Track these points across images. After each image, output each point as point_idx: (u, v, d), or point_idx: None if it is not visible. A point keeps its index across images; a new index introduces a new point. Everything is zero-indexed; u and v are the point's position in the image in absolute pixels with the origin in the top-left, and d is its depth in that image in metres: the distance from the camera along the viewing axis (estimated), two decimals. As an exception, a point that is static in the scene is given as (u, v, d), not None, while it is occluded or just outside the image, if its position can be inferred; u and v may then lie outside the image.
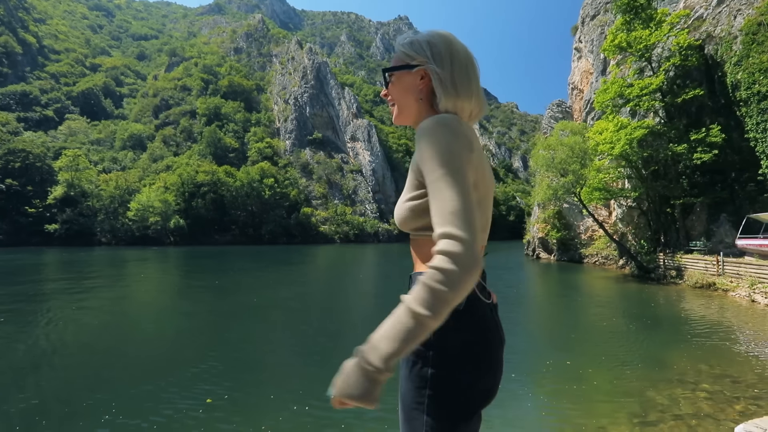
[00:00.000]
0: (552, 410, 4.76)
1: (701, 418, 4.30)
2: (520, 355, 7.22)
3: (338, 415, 4.56)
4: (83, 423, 4.34)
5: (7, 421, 4.45)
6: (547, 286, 18.58)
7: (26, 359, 6.85)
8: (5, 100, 73.08)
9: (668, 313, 11.08)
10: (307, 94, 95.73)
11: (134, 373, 6.11)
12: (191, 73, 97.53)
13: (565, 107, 35.20)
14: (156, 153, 77.63)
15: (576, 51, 33.46)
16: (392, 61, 1.08)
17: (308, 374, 6.18)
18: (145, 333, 9.04)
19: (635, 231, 22.98)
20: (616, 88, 19.09)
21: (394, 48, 1.11)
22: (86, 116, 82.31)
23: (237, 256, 35.91)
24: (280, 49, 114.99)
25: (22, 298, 12.51)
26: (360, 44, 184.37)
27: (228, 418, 4.50)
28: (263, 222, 70.12)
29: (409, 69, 1.02)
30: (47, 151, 63.00)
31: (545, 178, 23.82)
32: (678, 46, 18.18)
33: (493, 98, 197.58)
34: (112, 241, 57.51)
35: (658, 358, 6.82)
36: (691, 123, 18.37)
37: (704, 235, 18.13)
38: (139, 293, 14.72)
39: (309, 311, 11.46)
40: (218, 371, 6.12)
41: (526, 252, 35.98)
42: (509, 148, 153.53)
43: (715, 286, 14.08)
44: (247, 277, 19.91)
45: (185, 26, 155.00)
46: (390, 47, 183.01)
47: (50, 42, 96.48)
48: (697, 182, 18.52)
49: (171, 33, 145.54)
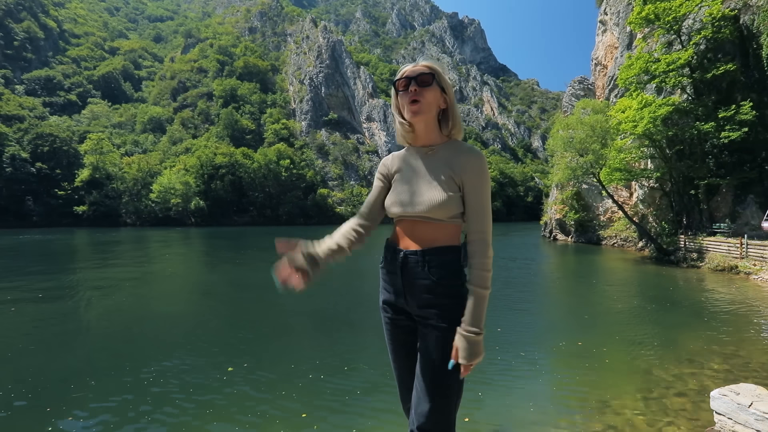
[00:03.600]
0: (561, 386, 4.95)
1: (704, 395, 4.42)
2: (534, 335, 7.40)
3: (353, 384, 4.88)
4: (110, 388, 4.79)
5: (38, 387, 4.94)
6: (563, 268, 18.52)
7: (64, 329, 7.46)
8: (31, 85, 75.27)
9: (686, 295, 10.99)
10: (323, 74, 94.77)
11: (160, 344, 6.59)
12: (207, 54, 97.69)
13: (587, 84, 33.93)
14: (175, 135, 79.06)
15: (601, 24, 31.90)
16: (426, 74, 1.34)
17: (323, 346, 6.53)
18: (172, 307, 9.61)
19: (656, 213, 22.41)
20: (642, 64, 18.26)
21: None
22: (107, 100, 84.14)
23: (256, 236, 36.86)
24: (294, 28, 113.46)
25: (61, 276, 13.36)
26: (375, 21, 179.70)
27: (247, 384, 4.87)
28: (280, 203, 71.21)
29: (440, 89, 1.37)
30: (72, 134, 65.02)
31: (564, 158, 23.31)
32: (711, 16, 17.17)
33: (513, 75, 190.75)
34: (136, 222, 59.70)
35: (670, 338, 6.87)
36: (720, 100, 17.52)
37: (729, 217, 17.58)
38: (167, 270, 15.46)
39: (326, 289, 11.86)
40: (240, 342, 6.54)
41: (543, 233, 35.60)
42: (528, 127, 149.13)
43: (737, 269, 13.77)
44: (267, 255, 20.56)
45: (199, 6, 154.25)
46: (406, 23, 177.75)
47: (70, 26, 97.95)
48: (724, 162, 17.81)
49: (186, 14, 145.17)
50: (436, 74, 1.33)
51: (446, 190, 1.31)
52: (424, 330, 1.34)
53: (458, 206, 1.33)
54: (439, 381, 1.28)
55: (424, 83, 1.31)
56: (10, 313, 8.37)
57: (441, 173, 1.33)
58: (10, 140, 56.18)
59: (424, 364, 1.32)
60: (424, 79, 1.31)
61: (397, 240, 1.42)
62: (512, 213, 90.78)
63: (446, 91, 1.37)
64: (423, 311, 1.34)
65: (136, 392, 4.64)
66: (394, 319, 1.46)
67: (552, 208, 33.60)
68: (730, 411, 2.83)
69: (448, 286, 1.31)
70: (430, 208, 1.31)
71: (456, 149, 1.37)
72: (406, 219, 1.38)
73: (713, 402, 2.98)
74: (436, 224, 1.34)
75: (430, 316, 1.32)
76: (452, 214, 1.33)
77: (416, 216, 1.34)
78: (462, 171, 1.32)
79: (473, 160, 1.33)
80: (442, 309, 1.30)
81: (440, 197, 1.30)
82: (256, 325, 7.95)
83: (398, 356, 1.48)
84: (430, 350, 1.31)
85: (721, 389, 2.99)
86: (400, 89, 1.37)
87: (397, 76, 1.38)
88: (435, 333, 1.30)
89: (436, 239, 1.34)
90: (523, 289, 12.24)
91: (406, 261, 1.36)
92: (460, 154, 1.34)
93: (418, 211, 1.33)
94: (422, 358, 1.33)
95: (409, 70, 1.35)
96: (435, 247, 1.33)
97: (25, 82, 75.01)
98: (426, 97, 1.31)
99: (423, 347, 1.34)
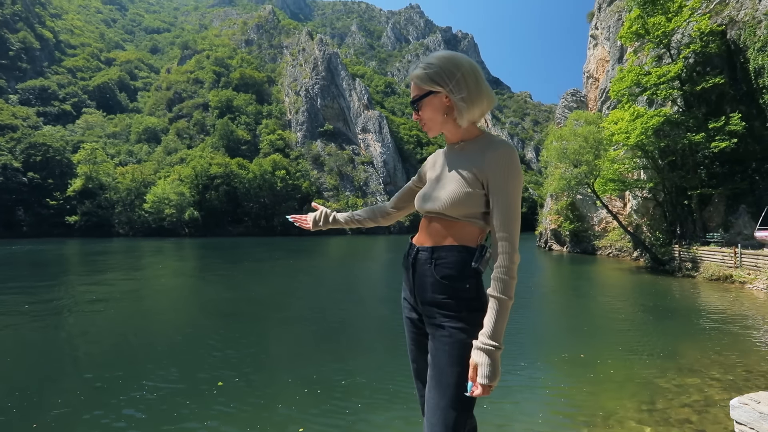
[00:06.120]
0: (568, 397, 4.86)
1: (710, 405, 4.36)
2: (536, 346, 7.32)
3: (351, 398, 4.75)
4: (95, 403, 4.62)
5: (23, 403, 4.76)
6: (560, 278, 18.51)
7: (53, 343, 7.24)
8: (25, 95, 74.91)
9: (683, 304, 10.99)
10: (318, 85, 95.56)
11: (150, 356, 6.41)
12: (203, 65, 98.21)
13: (579, 96, 34.50)
14: (170, 146, 78.83)
15: (592, 38, 32.64)
16: (414, 90, 1.32)
17: (320, 360, 6.39)
18: (163, 319, 9.40)
19: (650, 222, 22.60)
20: (633, 77, 18.64)
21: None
22: (102, 110, 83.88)
23: (250, 247, 36.54)
24: (290, 41, 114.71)
25: (48, 287, 13.06)
26: (371, 34, 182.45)
27: (239, 399, 4.73)
28: (275, 213, 70.85)
29: (433, 95, 1.28)
30: (66, 144, 64.58)
31: (557, 169, 23.52)
32: (699, 31, 17.61)
33: (506, 88, 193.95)
34: (129, 233, 59.00)
35: (671, 348, 6.83)
36: (710, 112, 17.87)
37: (722, 227, 17.76)
38: (159, 282, 15.20)
39: (321, 300, 11.71)
40: (231, 356, 6.38)
41: (539, 244, 35.70)
42: (522, 139, 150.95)
43: (732, 278, 13.85)
44: (261, 267, 20.32)
45: (197, 19, 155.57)
46: (401, 37, 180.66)
47: (66, 37, 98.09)
48: (715, 173, 18.08)
49: (183, 26, 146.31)
50: (424, 86, 1.28)
51: (464, 186, 1.26)
52: (429, 329, 1.31)
53: (478, 205, 1.26)
54: (444, 383, 1.21)
55: (417, 108, 1.32)
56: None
57: (464, 169, 1.28)
58: (2, 150, 55.65)
59: (430, 367, 1.28)
60: (416, 102, 1.32)
61: (416, 236, 1.42)
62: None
63: (443, 89, 1.26)
64: (426, 309, 1.31)
65: (123, 407, 4.48)
66: (410, 316, 1.44)
67: (547, 219, 33.78)
68: (752, 420, 2.77)
69: (451, 286, 1.26)
70: (444, 205, 1.28)
71: (484, 144, 1.28)
72: (426, 215, 1.38)
73: (733, 411, 2.91)
74: (451, 222, 1.30)
75: (433, 314, 1.28)
76: (468, 213, 1.27)
77: (432, 212, 1.33)
78: (487, 167, 1.23)
79: (498, 154, 1.22)
80: (445, 308, 1.25)
81: (456, 194, 1.26)
82: (249, 337, 7.78)
83: (412, 353, 1.45)
84: (433, 351, 1.27)
85: (741, 398, 2.93)
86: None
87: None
88: (437, 333, 1.26)
89: (447, 237, 1.30)
90: (521, 299, 12.17)
91: (417, 257, 1.35)
92: (486, 149, 1.25)
93: (434, 207, 1.31)
94: (430, 359, 1.29)
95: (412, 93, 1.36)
96: (445, 245, 1.29)
97: (19, 92, 74.64)
98: (426, 116, 1.32)
99: (430, 347, 1.30)
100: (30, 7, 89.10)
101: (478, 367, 1.13)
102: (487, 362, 1.12)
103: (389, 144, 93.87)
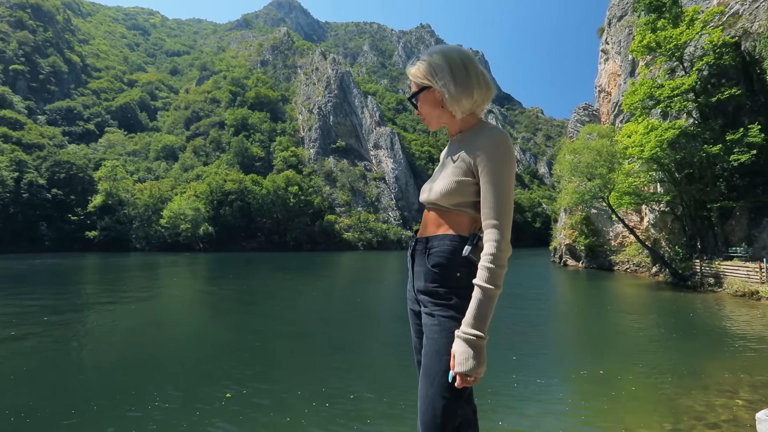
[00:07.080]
0: (588, 415, 4.67)
1: (739, 426, 4.12)
2: (554, 362, 7.10)
3: (362, 410, 4.65)
4: (106, 414, 4.62)
5: (35, 414, 4.80)
6: (577, 294, 18.03)
7: (66, 354, 7.33)
8: (53, 116, 78.47)
9: (707, 322, 10.55)
10: (331, 103, 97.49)
11: (160, 368, 6.42)
12: (220, 86, 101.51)
13: (591, 110, 34.31)
14: (187, 163, 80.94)
15: (603, 53, 32.65)
16: (412, 86, 1.36)
17: (329, 374, 6.30)
18: (174, 332, 9.45)
19: (669, 237, 21.95)
20: (646, 90, 18.47)
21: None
22: (123, 129, 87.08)
23: (263, 262, 36.79)
24: (304, 61, 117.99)
25: (71, 300, 13.33)
26: (382, 53, 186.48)
27: (247, 412, 4.67)
28: (288, 229, 71.48)
29: (426, 90, 1.31)
30: (89, 162, 66.94)
31: (571, 183, 23.22)
32: (712, 44, 17.45)
33: (517, 103, 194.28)
34: (146, 248, 60.14)
35: (695, 366, 6.53)
36: (727, 123, 17.51)
37: (745, 241, 17.13)
38: (172, 295, 15.36)
39: (331, 314, 11.63)
40: (239, 369, 6.35)
41: (553, 259, 35.01)
42: (534, 154, 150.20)
43: (758, 294, 13.27)
44: (273, 282, 20.40)
45: (215, 41, 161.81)
46: (412, 55, 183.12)
47: (92, 60, 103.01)
48: (736, 185, 17.57)
49: (202, 48, 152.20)
50: (418, 82, 1.32)
51: (456, 175, 1.27)
52: (423, 319, 1.31)
53: (469, 194, 1.26)
54: (432, 372, 1.21)
55: (414, 103, 1.36)
56: (10, 337, 8.29)
57: (458, 159, 1.29)
58: (29, 167, 57.96)
59: (422, 356, 1.27)
60: (413, 99, 1.35)
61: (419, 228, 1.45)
62: (520, 239, 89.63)
63: (434, 83, 1.28)
64: (421, 298, 1.32)
65: (133, 418, 4.47)
66: (413, 308, 1.44)
67: (561, 233, 33.17)
68: (778, 435, 2.61)
69: (442, 274, 1.25)
70: (437, 195, 1.30)
71: (477, 131, 1.29)
72: (426, 207, 1.40)
73: (760, 425, 2.76)
74: (443, 211, 1.32)
75: (425, 303, 1.29)
76: (459, 202, 1.27)
77: (428, 203, 1.36)
78: (477, 154, 1.23)
79: (486, 139, 1.23)
80: (435, 297, 1.25)
81: (446, 183, 1.28)
82: (258, 351, 7.75)
83: (415, 345, 1.45)
84: (425, 340, 1.27)
85: (767, 411, 2.78)
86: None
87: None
88: (429, 321, 1.26)
89: (442, 226, 1.31)
90: (537, 315, 11.87)
91: (415, 247, 1.38)
92: (478, 137, 1.26)
93: (429, 197, 1.34)
94: (423, 348, 1.29)
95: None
96: (438, 234, 1.31)
97: (47, 113, 78.26)
98: (423, 110, 1.35)
99: (424, 337, 1.30)
100: (61, 34, 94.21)
101: (455, 355, 1.12)
102: (464, 351, 1.09)
103: (401, 160, 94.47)
